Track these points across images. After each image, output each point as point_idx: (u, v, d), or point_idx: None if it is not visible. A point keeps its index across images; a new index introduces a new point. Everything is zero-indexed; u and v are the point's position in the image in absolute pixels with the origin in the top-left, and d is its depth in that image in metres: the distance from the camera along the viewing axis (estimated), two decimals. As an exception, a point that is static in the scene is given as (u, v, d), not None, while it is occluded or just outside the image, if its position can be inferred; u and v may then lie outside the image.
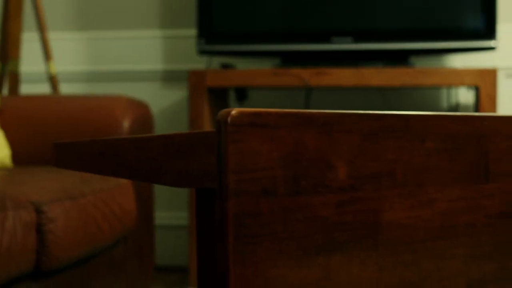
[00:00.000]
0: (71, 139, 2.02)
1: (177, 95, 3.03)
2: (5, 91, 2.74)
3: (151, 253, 2.19)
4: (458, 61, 2.87)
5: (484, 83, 2.43)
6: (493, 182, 1.02)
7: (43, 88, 3.02)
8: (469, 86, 2.47)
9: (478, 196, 1.01)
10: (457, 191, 0.98)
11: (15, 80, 2.77)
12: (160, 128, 2.98)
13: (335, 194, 0.86)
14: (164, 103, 3.04)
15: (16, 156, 2.06)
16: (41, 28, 2.78)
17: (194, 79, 2.56)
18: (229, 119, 0.78)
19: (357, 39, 2.60)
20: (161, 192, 2.97)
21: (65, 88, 3.06)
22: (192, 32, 3.00)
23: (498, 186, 1.03)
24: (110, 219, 1.73)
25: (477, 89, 2.45)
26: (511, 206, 1.05)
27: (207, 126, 2.60)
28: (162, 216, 2.99)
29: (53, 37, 3.07)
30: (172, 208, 3.01)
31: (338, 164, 0.86)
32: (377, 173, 0.90)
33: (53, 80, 2.80)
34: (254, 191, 0.80)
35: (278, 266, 0.81)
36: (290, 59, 2.69)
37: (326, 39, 2.61)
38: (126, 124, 2.02)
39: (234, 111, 0.79)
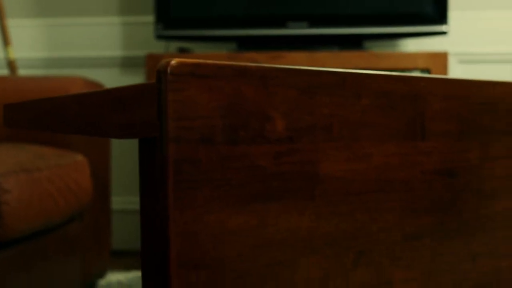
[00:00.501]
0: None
1: (135, 80, 3.05)
2: (-38, 76, 2.74)
3: (108, 235, 2.21)
4: (412, 46, 2.93)
5: (436, 66, 2.49)
6: (429, 141, 1.07)
7: (2, 74, 3.02)
8: (422, 69, 2.53)
9: (414, 153, 1.05)
10: (393, 147, 1.02)
11: (-28, 65, 2.76)
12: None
13: (272, 145, 0.89)
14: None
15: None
16: (0, 15, 2.79)
17: (151, 63, 2.58)
18: (169, 69, 0.81)
19: (312, 24, 2.64)
20: (117, 176, 2.98)
21: (24, 74, 3.06)
22: (150, 18, 3.02)
23: (434, 145, 1.07)
24: (66, 194, 1.75)
25: (428, 72, 2.51)
26: (447, 164, 1.09)
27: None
28: (118, 200, 3.00)
29: (12, 24, 3.07)
30: (128, 193, 3.03)
31: (276, 116, 0.90)
32: (314, 126, 0.93)
33: (11, 66, 2.80)
34: (193, 138, 0.83)
35: (216, 211, 0.84)
36: (246, 44, 2.72)
37: (281, 24, 2.65)
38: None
39: (173, 61, 0.82)
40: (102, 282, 2.31)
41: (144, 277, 0.86)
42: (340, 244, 0.96)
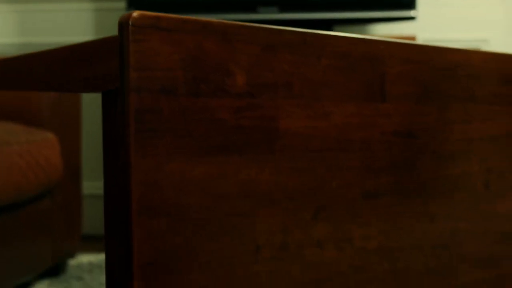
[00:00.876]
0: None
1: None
2: None
3: (79, 216, 2.22)
4: (382, 31, 2.97)
5: (404, 50, 2.52)
6: (389, 103, 1.09)
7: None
8: (390, 54, 2.56)
9: (374, 114, 1.07)
10: (353, 108, 1.04)
11: None
12: (88, 97, 3.01)
13: (233, 99, 0.92)
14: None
15: None
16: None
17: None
18: (130, 20, 0.83)
19: (283, 9, 2.66)
20: (88, 162, 2.99)
21: (-5, 60, 3.05)
22: (122, 5, 3.03)
23: (394, 107, 1.10)
24: (35, 169, 1.76)
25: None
26: (406, 126, 1.12)
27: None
28: (89, 186, 3.01)
29: (-17, 9, 3.07)
30: (99, 178, 3.04)
31: (237, 72, 0.92)
32: (275, 83, 0.96)
33: (-18, 50, 2.80)
34: (155, 89, 0.85)
35: (177, 161, 0.86)
36: (218, 29, 2.74)
37: (252, 9, 2.67)
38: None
39: (135, 13, 0.84)
40: (72, 262, 2.32)
41: (106, 229, 0.88)
42: (300, 199, 0.98)
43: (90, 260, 2.35)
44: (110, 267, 0.87)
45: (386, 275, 1.09)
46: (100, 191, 3.03)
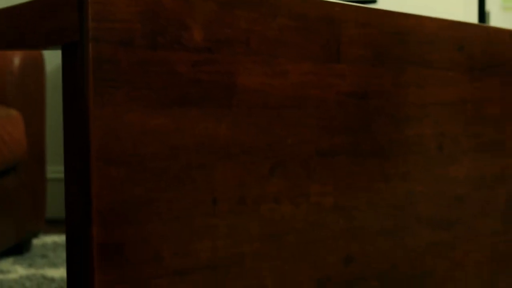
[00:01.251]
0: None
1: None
2: None
3: (43, 197, 2.22)
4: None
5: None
6: (344, 64, 1.12)
7: None
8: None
9: (329, 74, 1.10)
10: (309, 67, 1.07)
11: None
12: (52, 81, 3.01)
13: (191, 53, 0.94)
14: (54, 62, 3.07)
15: None
16: None
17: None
18: (89, -27, 0.85)
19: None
20: (53, 146, 2.99)
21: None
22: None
23: (349, 68, 1.13)
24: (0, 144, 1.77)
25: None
26: (361, 88, 1.15)
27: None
28: (54, 170, 3.01)
29: None
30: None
31: (194, 27, 0.94)
32: (232, 40, 0.98)
33: None
34: (113, 40, 0.87)
35: (135, 111, 0.88)
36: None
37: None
38: (16, 61, 2.05)
39: (93, -34, 0.86)
40: (36, 242, 2.32)
41: (67, 180, 0.90)
42: (256, 154, 1.01)
43: (54, 240, 2.36)
44: (70, 218, 0.88)
45: (342, 233, 1.12)
46: (63, 175, 3.04)
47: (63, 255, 2.11)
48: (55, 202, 2.97)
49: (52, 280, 1.80)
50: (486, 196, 1.36)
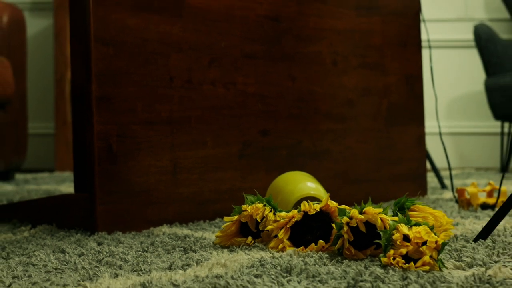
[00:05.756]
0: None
1: (43, 23, 3.50)
2: None
3: (25, 136, 2.65)
4: None
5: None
6: (261, -5, 1.60)
7: None
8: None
9: (250, 1, 1.58)
10: (235, -5, 1.55)
11: None
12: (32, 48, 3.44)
13: (155, -22, 1.41)
14: (32, 31, 3.50)
15: None
16: None
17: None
18: None
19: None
20: (34, 105, 3.42)
21: None
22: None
23: (265, -1, 1.61)
24: (-5, 81, 2.22)
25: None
26: (274, 13, 1.62)
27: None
28: (34, 126, 3.45)
29: None
30: (44, 120, 3.48)
31: (157, -40, 1.41)
32: (182, -29, 1.45)
33: None
34: (104, -35, 1.33)
35: (119, 12, 1.35)
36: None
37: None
38: (5, 19, 2.50)
39: None
40: (18, 176, 2.76)
41: (73, 58, 1.36)
42: (200, 50, 1.48)
43: (34, 176, 2.80)
44: (76, 80, 1.35)
45: (260, 113, 1.60)
46: (44, 130, 3.47)
47: (43, 181, 2.55)
48: (33, 155, 3.40)
49: (37, 191, 2.25)
50: (371, 102, 1.85)
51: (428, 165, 3.25)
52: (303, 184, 1.33)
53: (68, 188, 2.27)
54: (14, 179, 2.65)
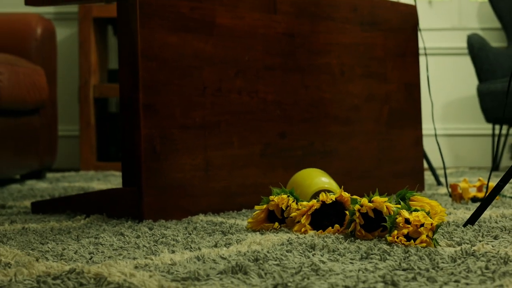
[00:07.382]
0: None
1: (67, 32, 3.73)
2: None
3: (56, 139, 2.88)
4: None
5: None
6: (279, 15, 1.83)
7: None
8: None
9: (270, 20, 1.81)
10: (257, 15, 1.78)
11: None
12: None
13: (189, 2, 1.64)
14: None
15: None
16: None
17: (83, 11, 3.28)
18: (136, -46, 1.55)
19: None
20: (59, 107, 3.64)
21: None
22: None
23: (282, 18, 1.84)
24: (33, 87, 2.45)
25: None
26: (289, 30, 1.86)
27: (93, 48, 3.33)
28: (63, 128, 3.67)
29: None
30: (73, 123, 3.71)
31: (192, -13, 1.65)
32: (213, -4, 1.69)
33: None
34: (149, -8, 1.57)
35: (160, 32, 1.58)
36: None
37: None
38: (39, 31, 2.73)
39: (138, -49, 1.56)
40: (49, 175, 2.99)
41: (120, 68, 1.59)
42: (228, 63, 1.71)
43: (63, 175, 3.03)
44: (124, 91, 1.58)
45: (278, 118, 1.83)
46: (72, 132, 3.70)
47: (73, 179, 2.78)
48: (61, 156, 3.63)
49: (72, 188, 2.48)
50: (374, 108, 2.08)
51: (425, 164, 3.48)
52: (318, 179, 1.57)
53: (98, 185, 2.50)
54: (46, 177, 2.88)
